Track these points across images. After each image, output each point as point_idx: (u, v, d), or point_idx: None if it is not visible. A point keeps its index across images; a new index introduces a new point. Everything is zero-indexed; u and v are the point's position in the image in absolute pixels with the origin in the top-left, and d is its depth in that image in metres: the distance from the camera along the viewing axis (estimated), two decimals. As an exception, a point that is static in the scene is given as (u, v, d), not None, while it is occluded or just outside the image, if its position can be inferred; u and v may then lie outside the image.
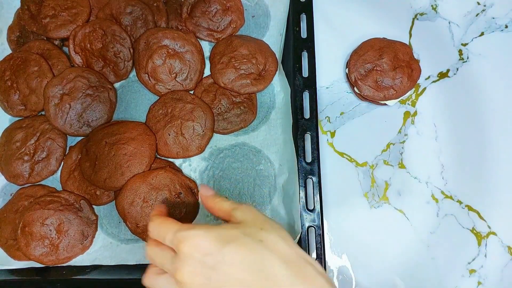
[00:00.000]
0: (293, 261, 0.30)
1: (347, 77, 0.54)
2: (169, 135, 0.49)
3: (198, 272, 0.29)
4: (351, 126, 0.54)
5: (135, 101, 0.53)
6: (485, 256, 0.49)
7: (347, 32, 0.57)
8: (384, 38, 0.54)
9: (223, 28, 0.54)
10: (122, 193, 0.47)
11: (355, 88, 0.53)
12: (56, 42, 0.54)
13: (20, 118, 0.52)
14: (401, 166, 0.52)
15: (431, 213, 0.50)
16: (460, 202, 0.50)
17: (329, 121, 0.54)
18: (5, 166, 0.50)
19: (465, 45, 0.56)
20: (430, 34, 0.57)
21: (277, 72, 0.52)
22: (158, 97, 0.52)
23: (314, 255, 0.43)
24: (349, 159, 0.53)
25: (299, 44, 0.51)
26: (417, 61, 0.53)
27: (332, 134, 0.53)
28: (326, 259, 0.43)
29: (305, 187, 0.45)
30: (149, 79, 0.51)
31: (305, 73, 0.50)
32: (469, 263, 0.49)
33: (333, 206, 0.50)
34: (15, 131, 0.51)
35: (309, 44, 0.51)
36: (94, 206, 0.49)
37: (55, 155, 0.50)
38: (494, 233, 0.49)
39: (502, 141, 0.52)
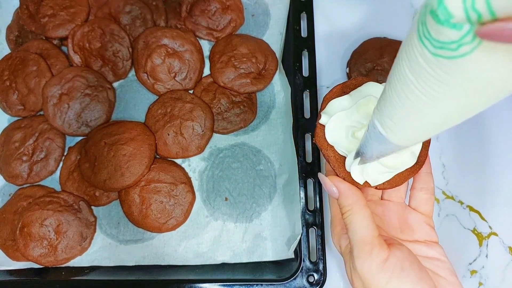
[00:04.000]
0: None
1: (348, 77, 0.53)
2: (169, 135, 0.49)
3: None
4: (352, 126, 0.53)
5: (134, 100, 0.52)
6: (486, 256, 0.48)
7: (347, 31, 0.56)
8: (384, 37, 0.53)
9: (222, 27, 0.54)
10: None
11: (356, 88, 0.52)
12: (55, 42, 0.54)
13: (19, 118, 0.52)
14: (402, 166, 0.52)
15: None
16: (461, 203, 0.50)
17: (330, 121, 0.54)
18: (4, 166, 0.49)
19: (466, 44, 0.56)
20: (431, 33, 0.56)
21: (277, 71, 0.52)
22: (157, 97, 0.51)
23: (314, 256, 0.43)
24: (350, 159, 0.52)
25: (300, 43, 0.50)
26: (418, 61, 0.52)
27: (333, 134, 0.53)
28: (327, 260, 0.43)
29: (305, 187, 0.45)
30: (148, 79, 0.51)
31: (306, 72, 0.49)
32: (470, 263, 0.48)
33: (333, 206, 0.50)
34: (13, 131, 0.50)
35: (309, 43, 0.50)
36: (93, 206, 0.49)
37: (54, 156, 0.50)
38: (495, 234, 0.49)
39: (504, 141, 0.52)
